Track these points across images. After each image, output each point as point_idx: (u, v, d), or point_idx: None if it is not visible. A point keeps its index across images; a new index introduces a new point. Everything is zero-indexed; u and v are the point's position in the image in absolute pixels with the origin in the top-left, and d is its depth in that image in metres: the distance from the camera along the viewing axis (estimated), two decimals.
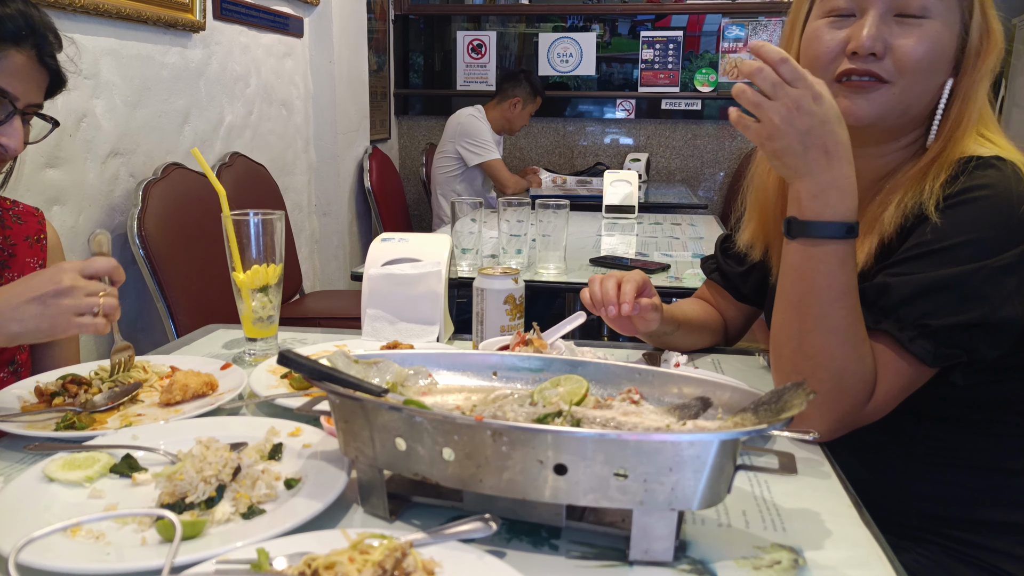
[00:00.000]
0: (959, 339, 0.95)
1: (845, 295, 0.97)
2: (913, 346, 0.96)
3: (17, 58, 1.15)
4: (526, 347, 1.13)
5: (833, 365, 0.97)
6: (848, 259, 0.97)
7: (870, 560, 0.75)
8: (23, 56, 1.15)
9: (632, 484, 0.68)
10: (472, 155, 4.15)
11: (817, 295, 0.98)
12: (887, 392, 0.99)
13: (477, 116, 4.21)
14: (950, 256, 0.96)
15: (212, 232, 1.34)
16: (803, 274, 0.99)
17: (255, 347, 1.34)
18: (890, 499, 1.10)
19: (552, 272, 2.12)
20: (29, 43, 1.16)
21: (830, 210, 0.96)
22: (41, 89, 1.21)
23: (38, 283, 1.01)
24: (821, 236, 0.97)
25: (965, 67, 1.05)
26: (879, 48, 1.03)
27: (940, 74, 1.05)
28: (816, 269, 0.98)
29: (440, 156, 4.26)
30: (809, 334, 0.98)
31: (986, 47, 1.05)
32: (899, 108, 1.05)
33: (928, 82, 1.05)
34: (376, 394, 0.81)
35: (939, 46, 1.03)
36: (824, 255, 0.97)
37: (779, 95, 0.93)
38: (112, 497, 0.83)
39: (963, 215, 0.98)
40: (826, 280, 0.97)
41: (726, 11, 4.98)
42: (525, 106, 4.28)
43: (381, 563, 0.63)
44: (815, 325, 0.98)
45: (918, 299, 0.96)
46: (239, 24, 2.98)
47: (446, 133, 4.25)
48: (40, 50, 1.18)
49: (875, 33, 1.02)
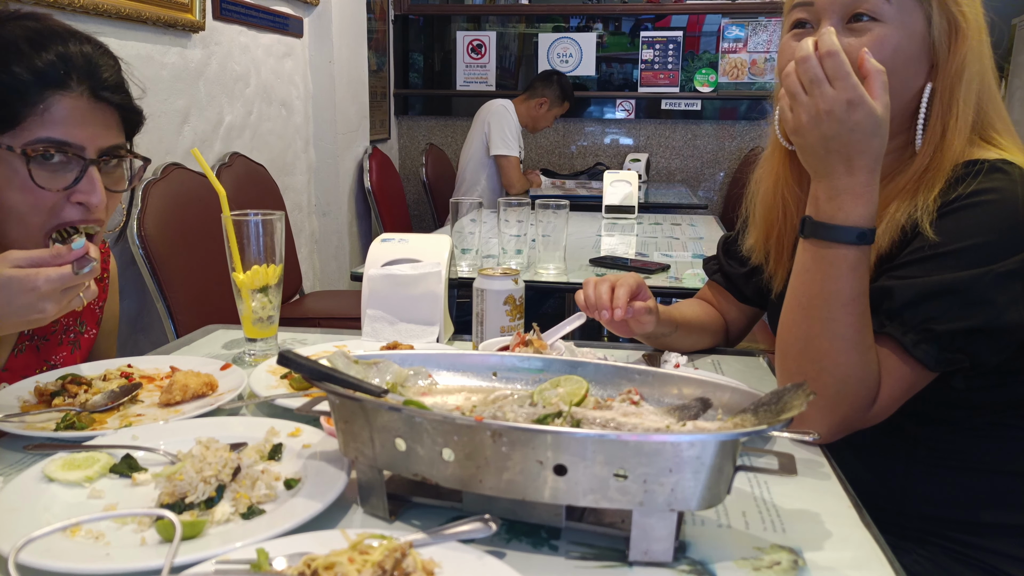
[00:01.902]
0: (962, 344, 0.95)
1: (854, 301, 0.97)
2: (916, 350, 0.96)
3: (65, 102, 1.04)
4: (526, 348, 1.13)
5: (838, 371, 0.97)
6: (859, 266, 0.97)
7: (870, 561, 0.74)
8: (72, 99, 1.05)
9: (632, 485, 0.68)
10: (494, 142, 4.22)
11: (825, 299, 0.97)
12: (890, 396, 0.98)
13: (508, 108, 4.28)
14: (955, 260, 0.96)
15: (212, 232, 1.34)
16: (813, 276, 0.99)
17: (255, 347, 1.34)
18: (891, 500, 1.10)
19: (552, 272, 2.12)
20: (75, 82, 1.05)
21: (843, 214, 0.96)
22: (111, 127, 1.10)
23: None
24: (831, 239, 0.97)
25: (938, 67, 1.03)
26: None
27: (904, 77, 1.03)
28: (826, 272, 0.97)
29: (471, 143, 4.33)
30: (816, 338, 0.98)
31: (956, 42, 1.02)
32: None
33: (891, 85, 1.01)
34: (376, 394, 0.81)
35: (895, 49, 1.01)
36: (834, 258, 0.97)
37: (814, 93, 0.93)
38: (112, 497, 0.82)
39: (968, 219, 0.97)
40: (835, 284, 0.97)
41: (726, 11, 4.98)
42: (551, 108, 4.35)
43: (381, 563, 0.63)
44: (822, 329, 0.98)
45: (922, 303, 0.96)
46: (239, 24, 2.98)
47: (476, 120, 4.32)
48: (92, 84, 1.07)
49: None
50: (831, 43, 0.93)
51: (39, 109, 1.04)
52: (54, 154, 1.05)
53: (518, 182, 4.25)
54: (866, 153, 0.94)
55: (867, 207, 0.96)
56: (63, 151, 1.05)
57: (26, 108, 1.04)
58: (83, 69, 1.07)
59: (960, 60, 1.02)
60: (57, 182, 1.06)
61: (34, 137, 1.04)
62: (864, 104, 0.92)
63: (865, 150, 0.94)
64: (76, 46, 1.09)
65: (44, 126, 1.04)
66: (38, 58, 1.04)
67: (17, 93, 1.03)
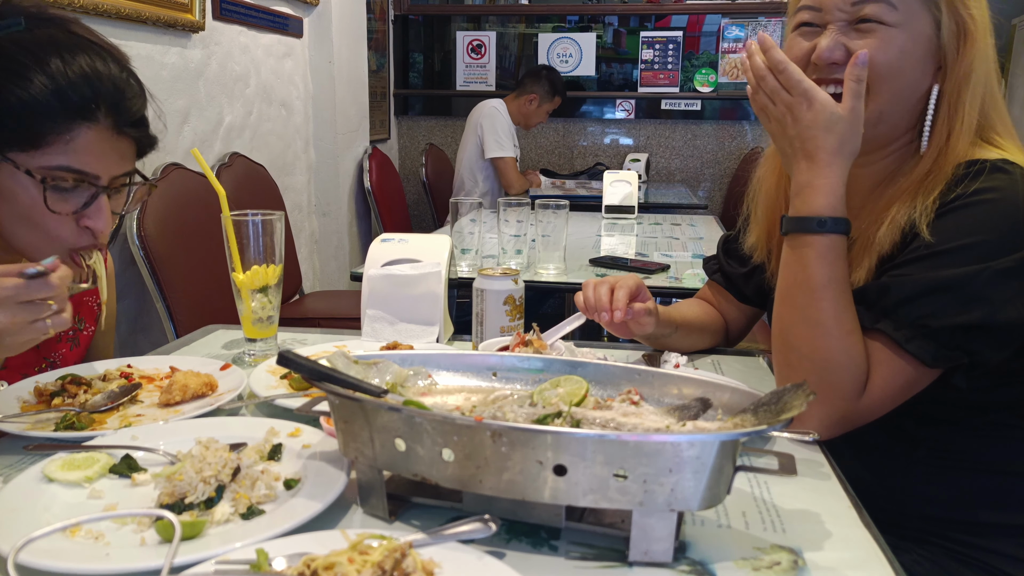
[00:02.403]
0: (960, 340, 0.95)
1: (825, 288, 1.00)
2: (910, 345, 0.96)
3: (90, 134, 1.03)
4: (526, 348, 1.13)
5: (817, 356, 1.00)
6: (827, 253, 1.01)
7: (870, 561, 0.74)
8: (97, 131, 1.03)
9: (632, 485, 0.68)
10: (488, 145, 4.20)
11: (799, 287, 1.03)
12: (882, 390, 0.99)
13: (499, 109, 4.26)
14: (952, 258, 0.96)
15: (212, 232, 1.34)
16: (788, 267, 1.05)
17: (255, 347, 1.34)
18: (892, 500, 1.10)
19: (552, 272, 2.12)
20: (102, 113, 1.03)
21: (806, 206, 1.02)
22: (125, 157, 1.10)
23: None
24: (798, 231, 1.03)
25: (946, 69, 1.04)
26: (838, 56, 1.04)
27: (911, 79, 1.04)
28: (798, 262, 1.03)
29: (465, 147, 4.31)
30: (794, 326, 1.03)
31: (964, 44, 1.02)
32: (872, 117, 1.05)
33: (896, 87, 1.04)
34: (376, 395, 0.81)
35: (901, 51, 1.02)
36: (803, 248, 1.02)
37: (777, 101, 1.02)
38: (111, 497, 0.82)
39: (967, 218, 0.98)
40: (805, 273, 1.02)
41: (726, 11, 4.98)
42: (542, 104, 4.31)
43: (380, 564, 0.63)
44: (799, 317, 1.02)
45: (918, 299, 0.96)
46: (238, 24, 2.98)
47: (469, 123, 4.30)
48: (118, 119, 1.05)
49: (831, 44, 1.04)
50: (779, 59, 1.00)
51: (65, 138, 1.02)
52: (71, 181, 1.04)
53: (517, 182, 4.23)
54: (823, 148, 1.00)
55: (827, 197, 1.01)
56: (80, 180, 1.05)
57: (51, 134, 1.01)
58: (111, 101, 1.05)
59: (968, 63, 1.02)
60: (67, 206, 1.05)
61: (55, 164, 1.02)
62: (816, 101, 0.99)
63: (822, 145, 1.00)
64: (106, 67, 1.06)
65: (66, 154, 1.03)
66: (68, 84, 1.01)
67: (44, 116, 1.01)
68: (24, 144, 1.01)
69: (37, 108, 1.00)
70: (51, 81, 1.01)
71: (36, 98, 1.00)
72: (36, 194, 1.03)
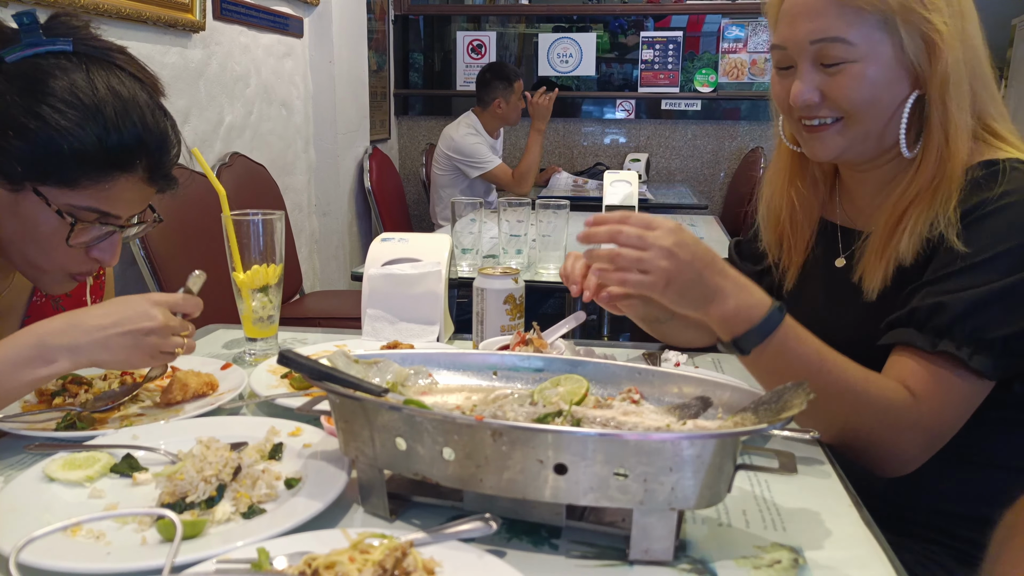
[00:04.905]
0: (1016, 348, 0.96)
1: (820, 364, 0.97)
2: (974, 362, 0.96)
3: (125, 183, 1.03)
4: (526, 347, 1.13)
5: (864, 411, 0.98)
6: (791, 342, 0.96)
7: (870, 560, 0.75)
8: (130, 180, 1.04)
9: (632, 484, 0.68)
10: (472, 169, 4.03)
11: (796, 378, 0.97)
12: (955, 414, 0.99)
13: (471, 131, 4.06)
14: (991, 267, 0.96)
15: (212, 232, 1.34)
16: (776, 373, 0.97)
17: (255, 347, 1.34)
18: (900, 494, 1.10)
19: (552, 272, 2.12)
20: (142, 167, 1.04)
21: (744, 325, 0.96)
22: (146, 200, 1.11)
23: (130, 316, 0.98)
24: (755, 345, 0.96)
25: (923, 79, 1.04)
26: (812, 98, 1.05)
27: (889, 98, 1.04)
28: (784, 365, 0.97)
29: (437, 164, 4.14)
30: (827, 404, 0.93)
31: (934, 57, 1.01)
32: (859, 137, 1.06)
33: (876, 110, 1.04)
34: (376, 394, 0.81)
35: (872, 83, 1.03)
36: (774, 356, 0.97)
37: (649, 241, 0.93)
38: (112, 497, 0.83)
39: (996, 225, 0.98)
40: (793, 369, 0.96)
41: (726, 11, 4.98)
42: (508, 100, 4.10)
43: (381, 563, 0.63)
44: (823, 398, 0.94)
45: (970, 315, 0.96)
46: (239, 24, 2.98)
47: (441, 144, 4.12)
48: (153, 173, 1.06)
49: (803, 88, 1.05)
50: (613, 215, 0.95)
51: (102, 185, 1.02)
52: (95, 222, 1.05)
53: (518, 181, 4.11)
54: (716, 259, 0.95)
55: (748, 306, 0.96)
56: (103, 220, 1.05)
57: (88, 179, 1.01)
58: (154, 158, 1.06)
59: (943, 72, 1.02)
60: (83, 240, 1.06)
61: (84, 205, 1.02)
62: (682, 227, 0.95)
63: (715, 257, 0.95)
64: (153, 120, 1.05)
65: (98, 199, 1.02)
66: (119, 141, 1.01)
67: (87, 163, 1.00)
68: (59, 183, 1.01)
69: (83, 155, 0.99)
70: (103, 133, 0.99)
71: (85, 147, 0.99)
72: (59, 228, 1.03)
